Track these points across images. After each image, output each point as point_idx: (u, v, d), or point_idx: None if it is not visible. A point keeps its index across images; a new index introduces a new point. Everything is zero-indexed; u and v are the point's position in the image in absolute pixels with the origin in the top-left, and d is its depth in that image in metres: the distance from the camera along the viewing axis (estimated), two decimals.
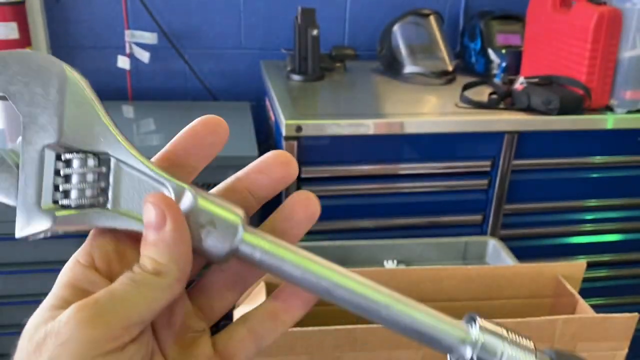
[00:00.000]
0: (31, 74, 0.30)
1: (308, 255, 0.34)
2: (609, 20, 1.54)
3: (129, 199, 0.31)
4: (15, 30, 1.81)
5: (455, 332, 0.32)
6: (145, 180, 0.31)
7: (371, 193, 1.64)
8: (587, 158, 1.73)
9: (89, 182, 0.31)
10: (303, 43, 1.83)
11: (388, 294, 0.33)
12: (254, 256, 0.32)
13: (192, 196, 0.31)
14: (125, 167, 0.31)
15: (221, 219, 0.31)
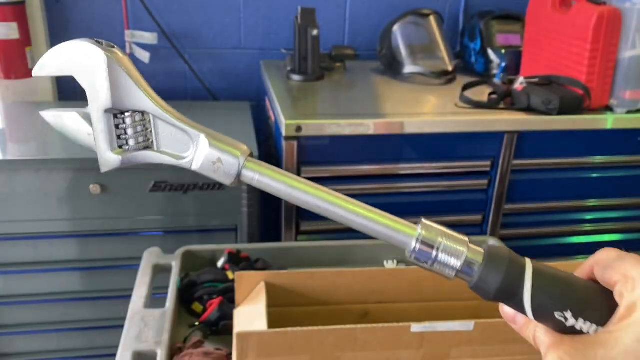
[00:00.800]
0: (84, 61, 0.43)
1: (295, 178, 0.44)
2: (609, 20, 1.55)
3: (166, 142, 0.45)
4: (15, 30, 1.81)
5: (405, 230, 0.43)
6: (173, 130, 0.45)
7: (371, 193, 1.64)
8: (586, 158, 1.73)
9: (139, 131, 0.45)
10: (303, 43, 1.83)
11: (354, 204, 0.44)
12: (254, 179, 0.44)
13: (207, 139, 0.44)
14: (159, 120, 0.44)
15: (227, 154, 0.44)
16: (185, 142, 0.44)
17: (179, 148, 0.45)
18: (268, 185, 0.43)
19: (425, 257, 0.42)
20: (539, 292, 0.41)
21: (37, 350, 1.71)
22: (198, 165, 0.44)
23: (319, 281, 0.99)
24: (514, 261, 0.42)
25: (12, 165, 1.52)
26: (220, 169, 0.43)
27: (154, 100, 0.44)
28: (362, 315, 1.01)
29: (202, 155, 0.44)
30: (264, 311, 0.89)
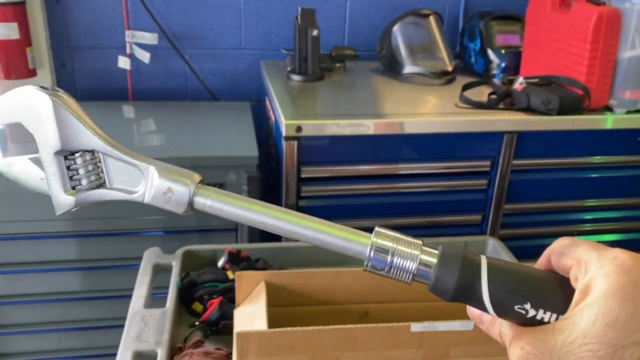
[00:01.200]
0: (30, 106, 0.44)
1: (246, 199, 0.44)
2: (608, 20, 1.55)
3: (118, 178, 0.45)
4: (15, 31, 1.81)
5: (358, 239, 0.44)
6: (123, 165, 0.45)
7: (371, 193, 1.64)
8: (586, 158, 1.73)
9: (90, 170, 0.45)
10: (303, 43, 1.83)
11: (309, 219, 0.44)
12: (205, 204, 0.44)
13: (156, 171, 0.44)
14: (108, 157, 0.45)
15: (176, 184, 0.44)
16: (136, 176, 0.45)
17: (130, 182, 0.45)
18: (221, 210, 0.44)
19: (381, 264, 0.43)
20: (496, 287, 0.40)
21: (37, 350, 1.71)
22: (150, 197, 0.44)
23: (319, 281, 0.99)
24: (468, 259, 0.41)
25: None
26: (172, 199, 0.44)
27: (101, 137, 0.44)
28: (362, 315, 1.01)
29: (152, 187, 0.44)
30: (264, 311, 0.89)
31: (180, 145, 1.69)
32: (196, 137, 1.73)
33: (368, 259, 0.43)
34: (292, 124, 1.50)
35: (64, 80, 2.03)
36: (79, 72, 2.04)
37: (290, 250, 1.29)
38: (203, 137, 1.74)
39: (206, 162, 1.57)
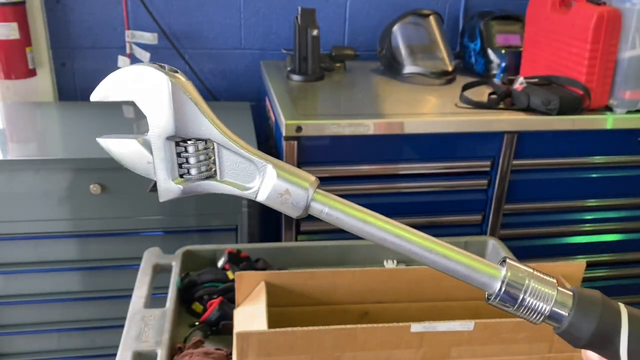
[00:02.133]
0: (146, 87, 0.41)
1: (366, 211, 0.42)
2: (609, 20, 1.55)
3: (230, 171, 0.43)
4: (15, 30, 1.81)
5: (487, 270, 0.40)
6: (238, 159, 0.43)
7: (371, 193, 1.64)
8: (586, 158, 1.73)
9: (201, 160, 0.43)
10: (303, 43, 1.83)
11: (431, 241, 0.41)
12: (322, 211, 0.42)
13: (274, 169, 0.42)
14: (224, 149, 0.43)
15: (296, 185, 0.41)
16: (251, 172, 0.43)
17: (243, 178, 0.43)
18: (337, 219, 0.41)
19: (511, 301, 0.39)
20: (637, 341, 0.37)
21: (37, 350, 1.71)
22: (264, 196, 0.42)
23: (319, 281, 0.99)
24: (608, 306, 0.38)
25: (12, 165, 1.52)
26: (288, 201, 0.41)
27: (219, 127, 0.42)
28: (362, 315, 1.01)
29: (269, 186, 0.42)
30: (264, 311, 0.89)
31: None
32: None
33: (497, 294, 0.39)
34: (292, 124, 1.50)
35: (63, 80, 2.03)
36: (79, 72, 2.04)
37: (290, 250, 1.29)
38: None
39: None
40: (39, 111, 1.96)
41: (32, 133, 1.83)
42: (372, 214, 0.41)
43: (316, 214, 0.41)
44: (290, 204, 0.41)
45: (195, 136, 0.42)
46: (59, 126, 1.90)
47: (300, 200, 0.41)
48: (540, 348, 0.90)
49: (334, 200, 0.41)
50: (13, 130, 1.83)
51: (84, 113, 1.88)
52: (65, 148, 1.71)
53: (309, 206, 0.41)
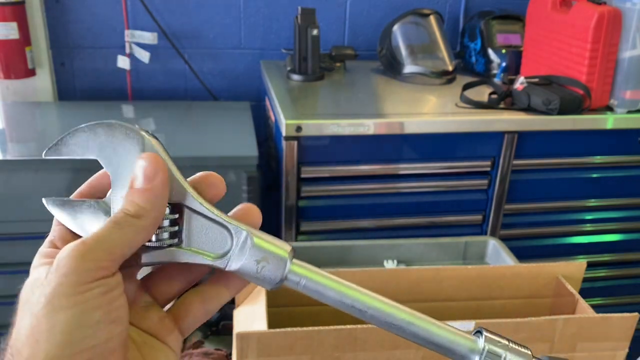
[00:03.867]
0: (117, 141, 0.38)
1: (344, 283, 0.40)
2: (609, 20, 1.54)
3: (199, 239, 0.39)
4: (15, 30, 1.81)
5: (465, 342, 0.39)
6: (210, 224, 0.39)
7: (371, 193, 1.64)
8: (587, 158, 1.73)
9: (165, 227, 0.38)
10: (303, 43, 1.83)
11: (410, 313, 0.40)
12: (300, 283, 0.39)
13: (250, 237, 0.39)
14: (194, 213, 0.39)
15: (273, 255, 0.39)
16: (222, 240, 0.39)
17: (212, 245, 0.39)
18: (315, 292, 0.39)
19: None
20: None
21: None
22: (236, 266, 0.39)
23: None
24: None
25: (11, 165, 1.52)
26: (264, 271, 0.38)
27: (190, 191, 0.39)
28: None
29: (243, 254, 0.38)
30: (264, 311, 0.89)
31: (179, 145, 1.69)
32: (196, 137, 1.73)
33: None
34: (292, 123, 1.50)
35: (63, 80, 2.03)
36: (78, 72, 2.04)
37: None
38: (202, 137, 1.73)
39: (206, 162, 1.57)
40: (39, 111, 1.96)
41: (32, 133, 1.83)
42: (351, 286, 0.40)
43: (292, 285, 0.39)
44: (266, 274, 0.39)
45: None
46: (59, 126, 1.90)
47: (277, 272, 0.39)
48: (540, 348, 0.90)
49: (310, 272, 0.39)
50: (12, 130, 1.83)
51: (84, 113, 1.88)
52: None
53: (285, 278, 0.39)
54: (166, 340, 0.40)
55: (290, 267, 0.39)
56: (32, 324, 0.33)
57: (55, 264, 0.34)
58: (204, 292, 0.41)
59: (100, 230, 0.35)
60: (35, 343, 0.33)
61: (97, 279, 0.33)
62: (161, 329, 0.40)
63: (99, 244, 0.34)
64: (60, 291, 0.33)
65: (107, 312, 0.34)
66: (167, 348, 0.40)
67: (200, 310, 0.41)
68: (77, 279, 0.33)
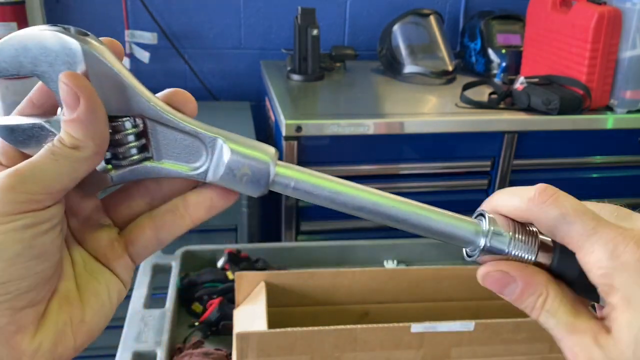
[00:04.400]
0: (51, 54, 0.32)
1: (336, 179, 0.37)
2: (609, 20, 1.54)
3: (169, 151, 0.36)
4: (15, 30, 1.81)
5: (469, 226, 0.36)
6: (179, 135, 0.36)
7: None
8: (587, 158, 1.73)
9: (130, 142, 0.35)
10: (303, 43, 1.83)
11: (409, 203, 0.38)
12: (289, 185, 0.36)
13: (225, 144, 0.35)
14: (159, 125, 0.35)
15: (254, 159, 0.35)
16: (196, 149, 0.36)
17: (186, 157, 0.36)
18: (306, 193, 0.36)
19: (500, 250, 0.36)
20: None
21: None
22: (216, 176, 0.35)
23: (319, 281, 0.99)
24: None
25: None
26: (246, 179, 0.35)
27: (150, 100, 0.35)
28: (362, 315, 1.01)
29: (221, 163, 0.35)
30: (264, 311, 0.89)
31: None
32: None
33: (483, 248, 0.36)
34: (292, 123, 1.50)
35: None
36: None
37: (290, 251, 1.29)
38: None
39: None
40: None
41: None
42: (344, 182, 0.37)
43: (280, 190, 0.36)
44: (249, 182, 0.35)
45: (119, 113, 0.34)
46: None
47: (261, 177, 0.35)
48: (540, 348, 0.90)
49: (300, 172, 0.36)
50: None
51: None
52: None
53: (272, 182, 0.36)
54: (112, 265, 0.36)
55: (276, 170, 0.35)
56: None
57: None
58: (158, 216, 0.37)
59: (36, 159, 0.32)
60: None
61: (24, 211, 0.30)
62: (109, 252, 0.36)
63: (32, 176, 0.31)
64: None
65: (29, 247, 0.30)
66: (109, 274, 0.36)
67: (153, 237, 0.37)
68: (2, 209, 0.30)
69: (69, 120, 0.32)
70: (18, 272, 0.30)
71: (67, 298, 0.34)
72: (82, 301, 0.34)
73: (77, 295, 0.34)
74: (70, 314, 0.34)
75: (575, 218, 0.33)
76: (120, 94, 0.34)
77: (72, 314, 0.34)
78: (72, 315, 0.34)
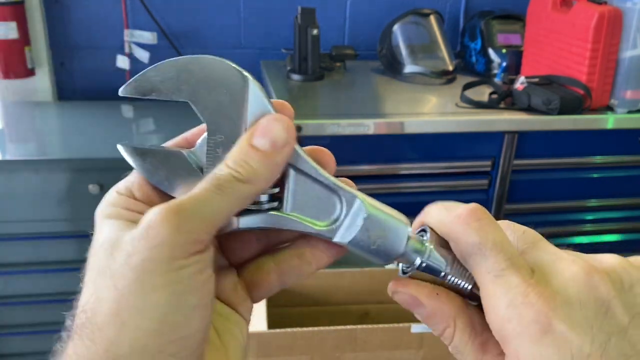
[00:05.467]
0: (214, 83, 0.31)
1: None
2: (610, 20, 1.54)
3: (303, 203, 0.34)
4: (14, 30, 1.81)
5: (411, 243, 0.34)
6: (317, 188, 0.34)
7: (371, 193, 1.63)
8: (587, 158, 1.73)
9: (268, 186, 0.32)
10: (303, 43, 1.82)
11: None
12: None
13: (363, 205, 0.33)
14: (300, 174, 0.33)
15: (390, 226, 0.33)
16: (331, 205, 0.34)
17: (318, 213, 0.34)
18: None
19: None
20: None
21: (36, 351, 1.70)
22: (347, 238, 0.34)
23: (319, 281, 0.99)
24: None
25: (11, 165, 1.51)
26: (381, 245, 0.33)
27: (299, 149, 0.33)
28: (362, 315, 1.01)
29: (355, 224, 0.33)
30: (264, 311, 0.88)
31: None
32: None
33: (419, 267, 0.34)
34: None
35: (62, 80, 2.02)
36: (78, 72, 2.04)
37: None
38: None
39: None
40: (38, 111, 1.95)
41: (31, 133, 1.83)
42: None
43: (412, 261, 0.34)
44: (382, 250, 0.33)
45: None
46: (58, 126, 1.90)
47: (395, 245, 0.33)
48: None
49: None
50: (12, 130, 1.82)
51: (83, 113, 1.88)
52: (64, 148, 1.71)
53: (403, 254, 0.33)
54: (239, 309, 0.34)
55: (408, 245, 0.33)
56: (118, 300, 0.27)
57: (144, 227, 0.28)
58: (283, 261, 0.35)
59: (199, 192, 0.29)
60: (122, 325, 0.27)
61: (192, 254, 0.28)
62: (235, 297, 0.34)
63: (197, 211, 0.28)
64: (152, 267, 0.27)
65: (203, 296, 0.28)
66: (240, 318, 0.34)
67: (276, 280, 0.35)
68: (172, 254, 0.27)
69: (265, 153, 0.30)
70: (197, 324, 0.28)
71: (213, 343, 0.32)
72: (223, 344, 0.33)
73: (218, 339, 0.33)
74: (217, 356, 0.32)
75: (490, 253, 0.31)
76: None
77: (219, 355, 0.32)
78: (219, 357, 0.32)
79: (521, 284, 0.30)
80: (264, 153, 0.30)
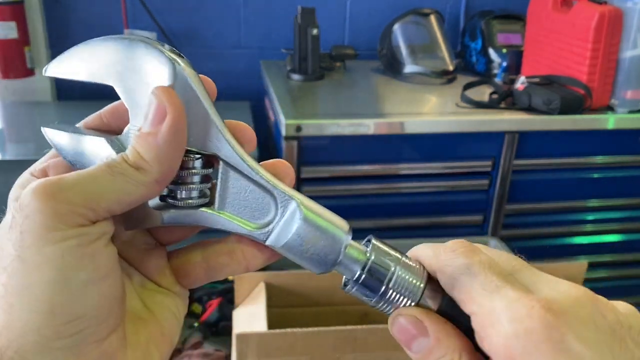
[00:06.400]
0: (137, 64, 0.30)
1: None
2: (610, 20, 1.54)
3: (235, 202, 0.32)
4: (14, 30, 1.80)
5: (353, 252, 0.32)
6: (251, 186, 0.32)
7: (371, 193, 1.64)
8: (588, 158, 1.72)
9: (194, 183, 0.31)
10: (303, 43, 1.82)
11: None
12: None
13: (300, 208, 0.31)
14: (233, 170, 0.32)
15: (326, 232, 0.31)
16: (265, 206, 0.32)
17: (251, 213, 0.32)
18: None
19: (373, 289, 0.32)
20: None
21: None
22: (280, 242, 0.31)
23: (319, 282, 0.99)
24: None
25: (11, 165, 1.51)
26: (313, 253, 0.31)
27: (231, 143, 0.31)
28: (362, 316, 1.00)
29: (289, 228, 0.31)
30: (263, 312, 0.88)
31: None
32: None
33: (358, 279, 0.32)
34: (292, 123, 1.49)
35: (62, 80, 2.01)
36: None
37: None
38: None
39: None
40: (38, 111, 1.95)
41: (31, 133, 1.82)
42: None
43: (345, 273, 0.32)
44: (315, 257, 0.31)
45: (192, 147, 0.31)
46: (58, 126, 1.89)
47: (329, 254, 0.31)
48: None
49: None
50: (11, 130, 1.82)
51: (83, 113, 1.85)
52: None
53: (338, 263, 0.31)
54: (170, 289, 0.34)
55: (346, 251, 0.32)
56: (5, 282, 0.26)
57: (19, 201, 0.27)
58: (213, 256, 0.34)
59: (87, 170, 0.28)
60: (10, 308, 0.26)
61: (72, 226, 0.26)
62: (163, 280, 0.34)
63: (77, 184, 0.27)
64: (29, 241, 0.26)
65: (94, 270, 0.27)
66: (173, 295, 0.34)
67: (203, 274, 0.34)
68: (44, 222, 0.26)
69: (145, 134, 0.29)
70: (92, 301, 0.27)
71: (139, 316, 0.32)
72: (156, 319, 0.32)
73: (147, 312, 0.32)
74: (148, 330, 0.32)
75: (479, 271, 0.29)
76: (200, 127, 0.31)
77: (150, 330, 0.32)
78: (151, 331, 0.32)
79: (522, 297, 0.27)
80: (145, 135, 0.29)
